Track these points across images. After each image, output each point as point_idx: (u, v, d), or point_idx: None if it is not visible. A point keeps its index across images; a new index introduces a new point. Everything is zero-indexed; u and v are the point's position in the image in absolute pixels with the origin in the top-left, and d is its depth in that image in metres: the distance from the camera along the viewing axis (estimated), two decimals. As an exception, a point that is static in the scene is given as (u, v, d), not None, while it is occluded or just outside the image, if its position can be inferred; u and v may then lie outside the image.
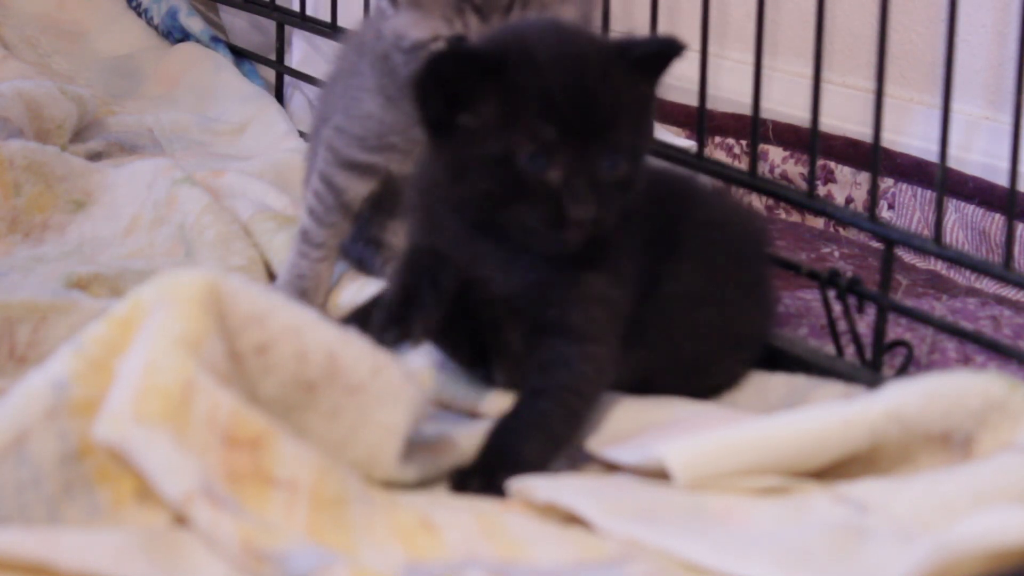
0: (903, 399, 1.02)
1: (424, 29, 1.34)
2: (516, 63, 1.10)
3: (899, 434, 1.01)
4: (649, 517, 0.96)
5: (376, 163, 1.45)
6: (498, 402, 1.20)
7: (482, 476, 1.06)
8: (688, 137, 1.85)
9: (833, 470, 1.03)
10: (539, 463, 1.07)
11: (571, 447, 1.12)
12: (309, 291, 1.46)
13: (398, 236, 1.50)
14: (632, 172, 1.12)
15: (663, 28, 1.53)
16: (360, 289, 1.46)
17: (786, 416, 1.03)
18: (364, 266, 1.53)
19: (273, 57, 2.11)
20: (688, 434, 1.06)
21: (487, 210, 1.11)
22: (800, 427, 1.02)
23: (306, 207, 1.49)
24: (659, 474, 1.03)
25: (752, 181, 1.45)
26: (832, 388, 1.22)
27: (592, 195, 1.09)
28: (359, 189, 1.46)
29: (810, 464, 1.02)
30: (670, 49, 1.14)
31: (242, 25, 2.28)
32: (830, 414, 1.02)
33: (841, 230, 1.75)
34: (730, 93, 1.87)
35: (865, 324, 1.33)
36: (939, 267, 1.62)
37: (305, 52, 2.08)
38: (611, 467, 1.11)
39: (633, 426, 1.14)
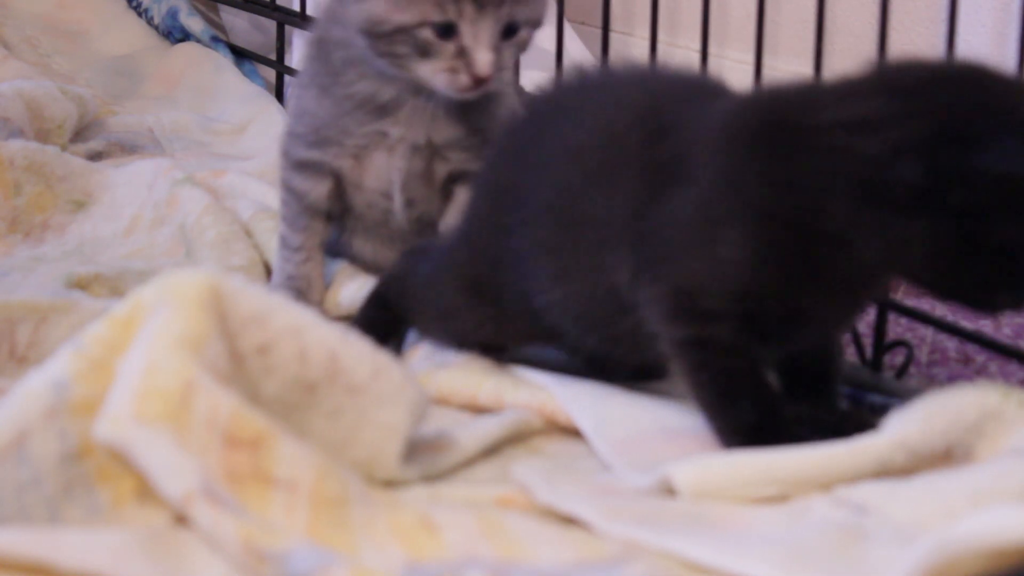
0: (905, 427, 1.03)
1: (410, 13, 1.26)
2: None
3: (905, 460, 1.02)
4: (649, 522, 0.96)
5: (319, 159, 1.42)
6: (495, 393, 1.20)
7: None
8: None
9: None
10: None
11: None
12: (303, 290, 1.45)
13: (357, 248, 1.49)
14: None
15: (663, 28, 1.53)
16: (360, 288, 1.45)
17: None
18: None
19: (273, 57, 2.11)
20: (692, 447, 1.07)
21: (980, 288, 1.09)
22: (808, 455, 1.02)
23: (280, 213, 1.48)
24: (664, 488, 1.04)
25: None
26: None
27: None
28: (317, 190, 1.43)
29: (815, 488, 1.02)
30: None
31: (242, 25, 2.28)
32: (838, 444, 1.03)
33: (841, 230, 1.74)
34: (730, 93, 1.87)
35: (865, 324, 1.33)
36: (939, 267, 1.62)
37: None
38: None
39: (635, 427, 1.14)
